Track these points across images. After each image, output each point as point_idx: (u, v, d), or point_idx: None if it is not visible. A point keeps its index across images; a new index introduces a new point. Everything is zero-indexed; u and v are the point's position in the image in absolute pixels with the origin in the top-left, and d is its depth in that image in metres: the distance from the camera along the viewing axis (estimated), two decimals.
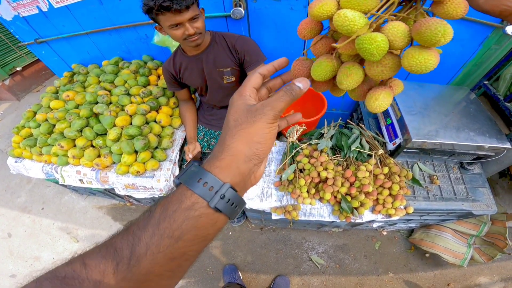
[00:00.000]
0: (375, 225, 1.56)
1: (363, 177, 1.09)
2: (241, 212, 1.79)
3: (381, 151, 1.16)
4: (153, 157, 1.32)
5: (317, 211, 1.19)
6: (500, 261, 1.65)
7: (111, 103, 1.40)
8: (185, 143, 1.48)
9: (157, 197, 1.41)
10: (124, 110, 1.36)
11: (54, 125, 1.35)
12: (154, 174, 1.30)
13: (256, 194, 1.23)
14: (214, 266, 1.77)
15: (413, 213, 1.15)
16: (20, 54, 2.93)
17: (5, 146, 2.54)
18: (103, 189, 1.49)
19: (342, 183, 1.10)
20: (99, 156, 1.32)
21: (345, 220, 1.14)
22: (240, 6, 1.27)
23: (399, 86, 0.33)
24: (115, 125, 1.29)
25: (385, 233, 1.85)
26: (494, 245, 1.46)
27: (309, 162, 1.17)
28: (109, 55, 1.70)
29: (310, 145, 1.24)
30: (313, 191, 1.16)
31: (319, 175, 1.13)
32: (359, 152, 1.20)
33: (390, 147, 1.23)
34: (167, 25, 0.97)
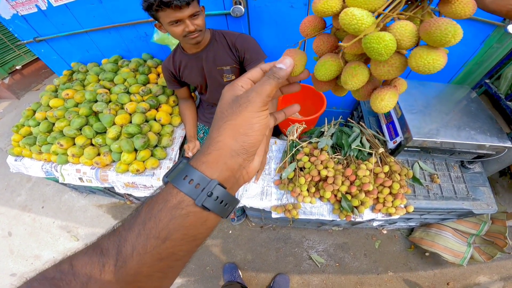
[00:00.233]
0: (375, 224, 1.57)
1: (364, 176, 1.08)
2: (241, 210, 1.79)
3: (381, 150, 1.15)
4: (153, 155, 1.31)
5: (317, 209, 1.19)
6: (499, 260, 1.65)
7: (111, 101, 1.40)
8: (185, 141, 1.48)
9: None
10: (123, 108, 1.36)
11: (53, 124, 1.35)
12: (154, 172, 1.30)
13: (256, 192, 1.23)
14: (214, 264, 1.77)
15: (414, 212, 1.15)
16: (19, 53, 2.92)
17: (5, 144, 2.54)
18: (103, 187, 1.48)
19: (342, 182, 1.10)
20: (99, 154, 1.31)
21: (345, 218, 1.13)
22: (240, 4, 1.26)
23: (403, 85, 0.32)
24: (114, 124, 1.29)
25: (385, 232, 1.85)
26: (494, 244, 1.46)
27: (309, 160, 1.16)
28: (108, 54, 1.69)
29: (310, 143, 1.24)
30: (313, 189, 1.16)
31: (319, 173, 1.12)
32: (360, 150, 1.20)
33: (390, 145, 1.23)
34: (167, 22, 0.96)
